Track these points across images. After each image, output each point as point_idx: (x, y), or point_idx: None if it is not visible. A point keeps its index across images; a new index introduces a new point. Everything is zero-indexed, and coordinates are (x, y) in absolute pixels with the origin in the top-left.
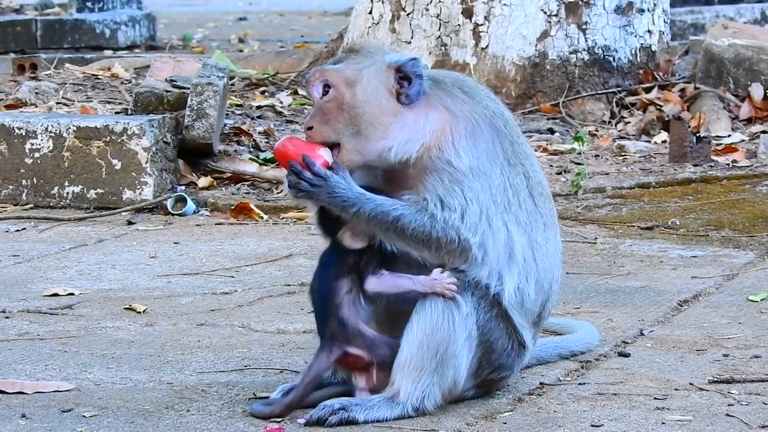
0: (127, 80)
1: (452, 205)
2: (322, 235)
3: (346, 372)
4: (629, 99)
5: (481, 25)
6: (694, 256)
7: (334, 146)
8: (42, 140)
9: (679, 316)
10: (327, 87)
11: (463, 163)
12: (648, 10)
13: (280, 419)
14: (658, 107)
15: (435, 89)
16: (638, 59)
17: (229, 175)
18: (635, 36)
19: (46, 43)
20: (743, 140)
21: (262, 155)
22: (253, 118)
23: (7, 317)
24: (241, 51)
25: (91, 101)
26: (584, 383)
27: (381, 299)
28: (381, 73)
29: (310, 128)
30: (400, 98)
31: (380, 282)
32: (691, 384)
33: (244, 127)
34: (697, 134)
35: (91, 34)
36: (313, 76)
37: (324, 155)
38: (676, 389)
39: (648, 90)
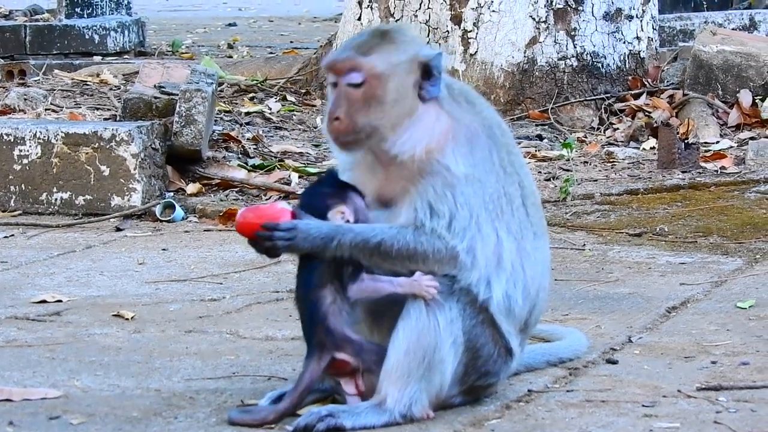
0: (115, 86)
1: (441, 212)
2: None
3: (334, 380)
4: (618, 105)
5: (470, 31)
6: (683, 263)
7: (354, 140)
8: (30, 147)
9: (667, 323)
10: (357, 77)
11: (458, 170)
12: (636, 16)
13: (273, 425)
14: (646, 113)
15: (445, 92)
16: (627, 65)
17: (218, 181)
18: (624, 42)
19: (34, 48)
20: (732, 147)
21: (251, 162)
22: (241, 125)
23: None
24: (230, 57)
25: (80, 107)
26: (572, 390)
27: (365, 303)
28: (411, 69)
29: (337, 119)
30: (420, 93)
31: (361, 288)
32: (679, 391)
33: (232, 134)
34: (686, 141)
35: (80, 40)
36: (344, 63)
37: (285, 206)
38: (664, 396)
39: (636, 96)
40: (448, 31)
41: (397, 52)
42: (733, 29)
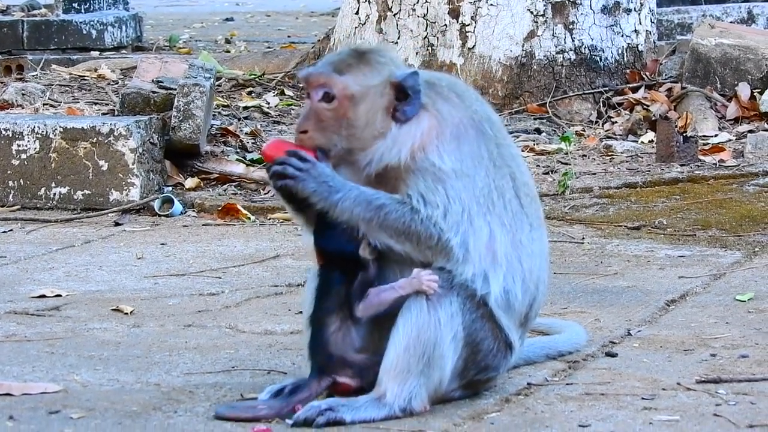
0: (113, 81)
1: (434, 202)
2: (318, 254)
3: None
4: (616, 99)
5: (468, 25)
6: (682, 256)
7: (323, 152)
8: (29, 141)
9: (666, 316)
10: (329, 94)
11: (446, 165)
12: (635, 9)
13: (270, 420)
14: (645, 107)
15: (429, 93)
16: (625, 59)
17: (216, 175)
18: (622, 36)
19: (32, 44)
20: (730, 140)
21: (249, 156)
22: (239, 119)
23: None
24: (228, 51)
25: (78, 102)
26: (571, 383)
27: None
28: (384, 92)
29: (304, 132)
30: (396, 115)
31: (367, 305)
32: (678, 384)
33: (230, 128)
34: (684, 134)
35: (78, 35)
36: (317, 79)
37: (311, 150)
38: (664, 389)
39: (635, 90)
40: (445, 25)
41: (372, 75)
42: (731, 22)
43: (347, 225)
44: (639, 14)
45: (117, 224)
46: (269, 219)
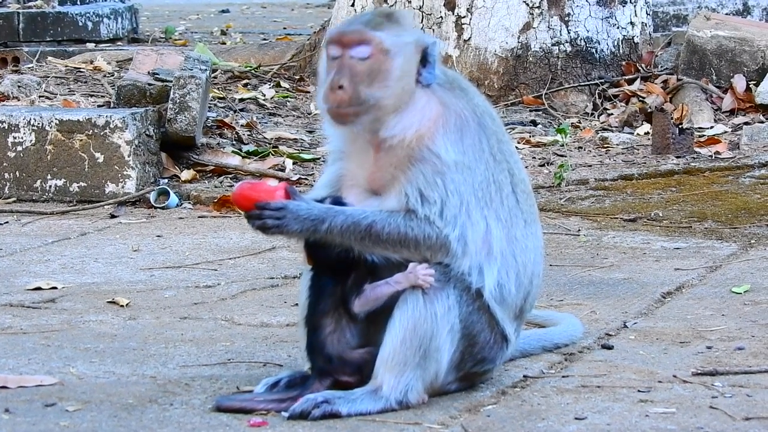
0: (109, 73)
1: (432, 198)
2: (308, 256)
3: None
4: (612, 91)
5: (464, 17)
6: (677, 248)
7: (353, 113)
8: (24, 134)
9: (662, 308)
10: (365, 50)
11: (448, 157)
12: (630, 1)
13: (266, 413)
14: (640, 99)
15: (442, 78)
16: (621, 51)
17: (212, 168)
18: (618, 27)
19: (28, 36)
20: (726, 132)
21: (245, 148)
22: (235, 111)
23: None
24: (224, 43)
25: (74, 94)
26: (568, 376)
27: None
28: (413, 52)
29: (341, 87)
30: (418, 78)
31: (363, 301)
32: (674, 376)
33: (226, 120)
34: (680, 126)
35: (74, 26)
36: (353, 35)
37: (279, 186)
38: (660, 381)
39: (630, 82)
40: (441, 16)
41: (404, 34)
42: (726, 14)
43: (340, 247)
44: (635, 6)
45: (113, 216)
46: None
